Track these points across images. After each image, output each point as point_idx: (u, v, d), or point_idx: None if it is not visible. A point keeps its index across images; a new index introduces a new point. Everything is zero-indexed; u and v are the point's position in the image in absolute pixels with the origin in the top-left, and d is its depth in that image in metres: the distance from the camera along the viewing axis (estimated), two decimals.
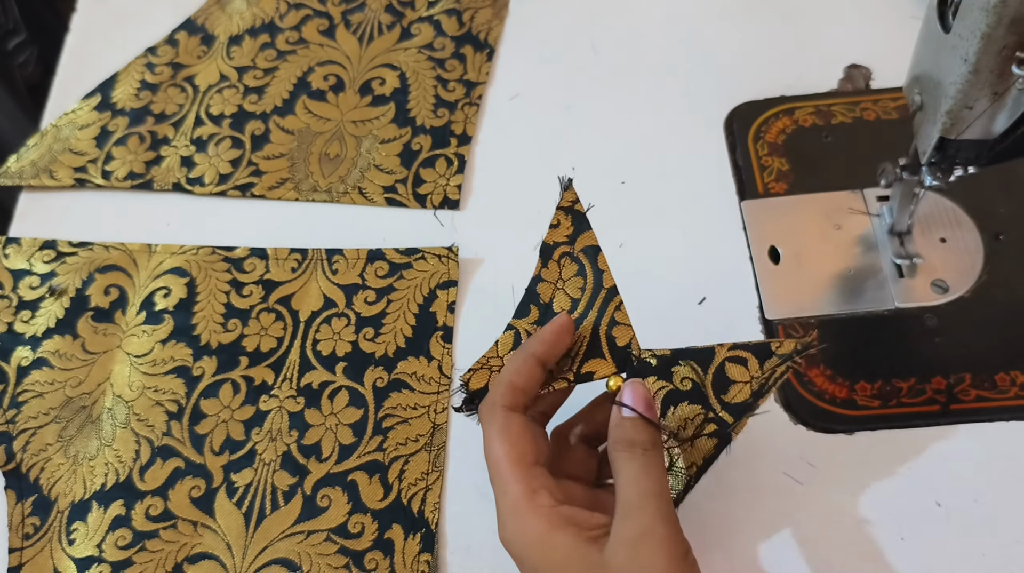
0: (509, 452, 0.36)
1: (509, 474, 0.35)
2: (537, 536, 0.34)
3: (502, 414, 0.37)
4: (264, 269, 0.57)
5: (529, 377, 0.38)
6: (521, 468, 0.36)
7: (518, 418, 0.37)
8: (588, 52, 0.65)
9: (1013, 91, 0.37)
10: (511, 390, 0.38)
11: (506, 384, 0.38)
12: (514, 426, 0.37)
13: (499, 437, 0.36)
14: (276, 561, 0.47)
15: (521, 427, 0.37)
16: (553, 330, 0.40)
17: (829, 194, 0.56)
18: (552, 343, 0.40)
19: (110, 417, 0.52)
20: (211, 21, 0.69)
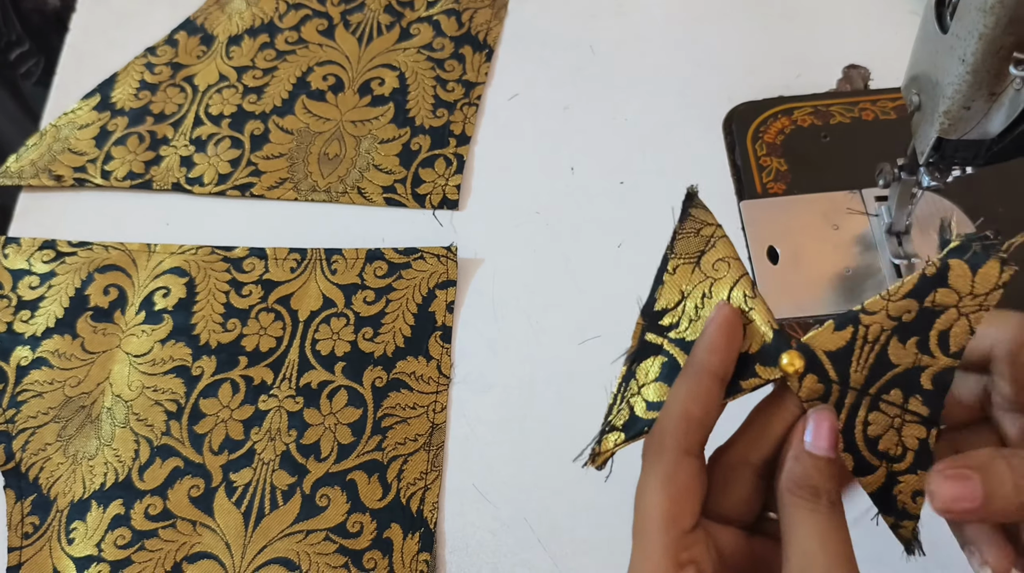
0: (667, 510, 0.28)
1: (657, 538, 0.28)
2: None
3: (672, 458, 0.29)
4: (263, 269, 0.57)
5: (708, 402, 0.29)
6: (674, 533, 0.28)
7: (690, 465, 0.29)
8: (587, 52, 0.65)
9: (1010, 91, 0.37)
10: (686, 423, 0.29)
11: (679, 416, 0.29)
12: (682, 475, 0.29)
13: (660, 487, 0.28)
14: (275, 560, 0.47)
15: (690, 477, 0.29)
16: (720, 330, 0.30)
17: (827, 194, 0.56)
18: (725, 348, 0.30)
19: (109, 417, 0.52)
20: (210, 21, 0.69)
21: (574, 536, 0.48)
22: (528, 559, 0.47)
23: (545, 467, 0.50)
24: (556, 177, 0.60)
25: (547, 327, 0.54)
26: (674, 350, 0.32)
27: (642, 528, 0.29)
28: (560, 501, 0.49)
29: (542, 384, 0.52)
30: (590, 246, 0.57)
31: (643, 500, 0.29)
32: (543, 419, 0.51)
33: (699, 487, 0.29)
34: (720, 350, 0.30)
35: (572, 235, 0.57)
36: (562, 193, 0.59)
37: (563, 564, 0.47)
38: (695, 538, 0.28)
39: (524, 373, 0.52)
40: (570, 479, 0.49)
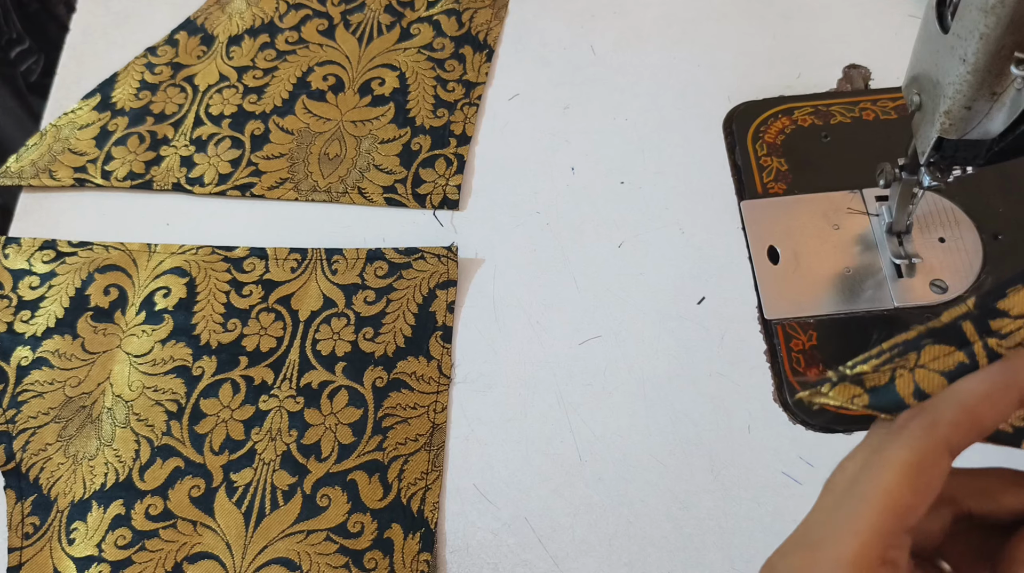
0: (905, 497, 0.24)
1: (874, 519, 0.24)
2: None
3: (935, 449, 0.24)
4: (264, 269, 0.57)
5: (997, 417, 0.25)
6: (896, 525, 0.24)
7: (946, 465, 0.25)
8: (587, 52, 0.65)
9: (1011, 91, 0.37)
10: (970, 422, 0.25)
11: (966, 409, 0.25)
12: (937, 469, 0.24)
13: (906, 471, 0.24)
14: (276, 560, 0.47)
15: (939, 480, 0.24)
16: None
17: (828, 194, 0.56)
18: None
19: (110, 417, 0.52)
20: (211, 21, 0.69)
21: (574, 536, 0.48)
22: (529, 559, 0.47)
23: (546, 467, 0.50)
24: (556, 177, 0.60)
25: (548, 327, 0.54)
26: (982, 357, 0.26)
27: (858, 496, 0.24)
28: (561, 501, 0.49)
29: (542, 384, 0.52)
30: (590, 246, 0.57)
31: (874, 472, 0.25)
32: (544, 419, 0.51)
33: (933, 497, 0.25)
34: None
35: (572, 235, 0.57)
36: (562, 193, 0.59)
37: (564, 564, 0.47)
38: (906, 542, 0.25)
39: (525, 373, 0.52)
40: (571, 479, 0.49)
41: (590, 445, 0.50)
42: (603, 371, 0.52)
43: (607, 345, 0.53)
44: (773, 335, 0.52)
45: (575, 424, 0.51)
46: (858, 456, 0.26)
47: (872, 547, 0.23)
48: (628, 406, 0.51)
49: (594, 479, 0.49)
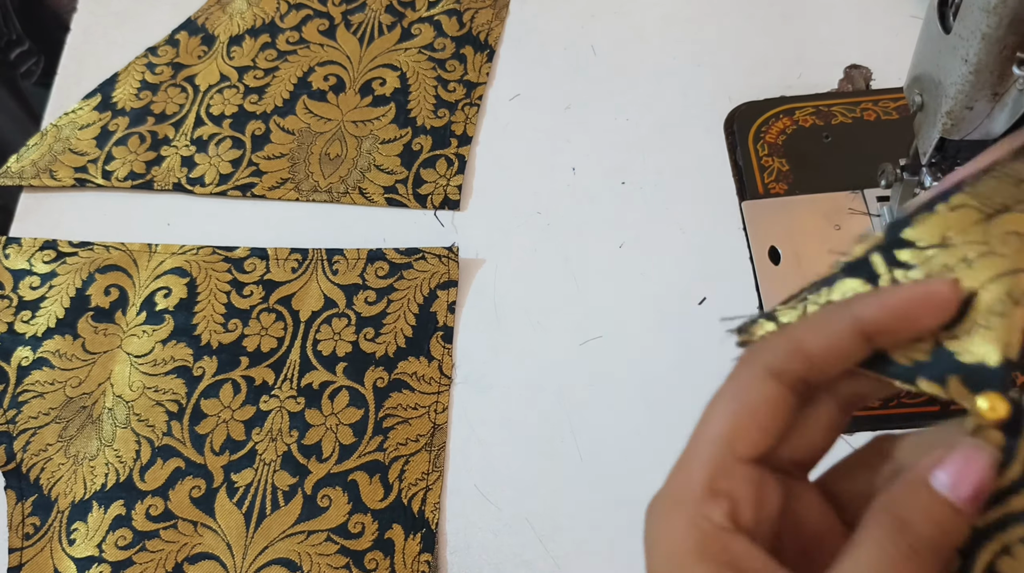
0: (720, 427, 0.24)
1: (702, 452, 0.24)
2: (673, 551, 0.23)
3: (754, 375, 0.24)
4: (264, 269, 0.57)
5: (831, 347, 0.24)
6: (718, 453, 0.24)
7: (771, 390, 0.24)
8: (588, 53, 0.65)
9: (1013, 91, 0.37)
10: (790, 346, 0.24)
11: (791, 341, 0.24)
12: (756, 399, 0.24)
13: (726, 401, 0.24)
14: (276, 561, 0.47)
15: (767, 404, 0.24)
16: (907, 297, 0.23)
17: (829, 194, 0.56)
18: (897, 313, 0.23)
19: (110, 417, 0.52)
20: (211, 21, 0.69)
21: (575, 536, 0.48)
22: (529, 560, 0.47)
23: (547, 467, 0.50)
24: (557, 177, 0.60)
25: (548, 327, 0.54)
26: None
27: (692, 438, 0.25)
28: (562, 501, 0.49)
29: (543, 384, 0.52)
30: (591, 246, 0.57)
31: (709, 409, 0.25)
32: (544, 419, 0.51)
33: (773, 420, 0.24)
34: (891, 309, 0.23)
35: (573, 235, 0.57)
36: (563, 193, 0.59)
37: (564, 564, 0.47)
38: (745, 473, 0.24)
39: (525, 373, 0.52)
40: (572, 479, 0.49)
41: (591, 445, 0.50)
42: (604, 371, 0.52)
43: (608, 345, 0.53)
44: None
45: (575, 424, 0.51)
46: None
47: (696, 480, 0.23)
48: (629, 407, 0.51)
49: (595, 479, 0.49)
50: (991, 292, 0.23)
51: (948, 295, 0.23)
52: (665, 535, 0.24)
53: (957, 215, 0.24)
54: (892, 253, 0.25)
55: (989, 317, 0.23)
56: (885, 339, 0.24)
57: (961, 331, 0.23)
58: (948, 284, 0.23)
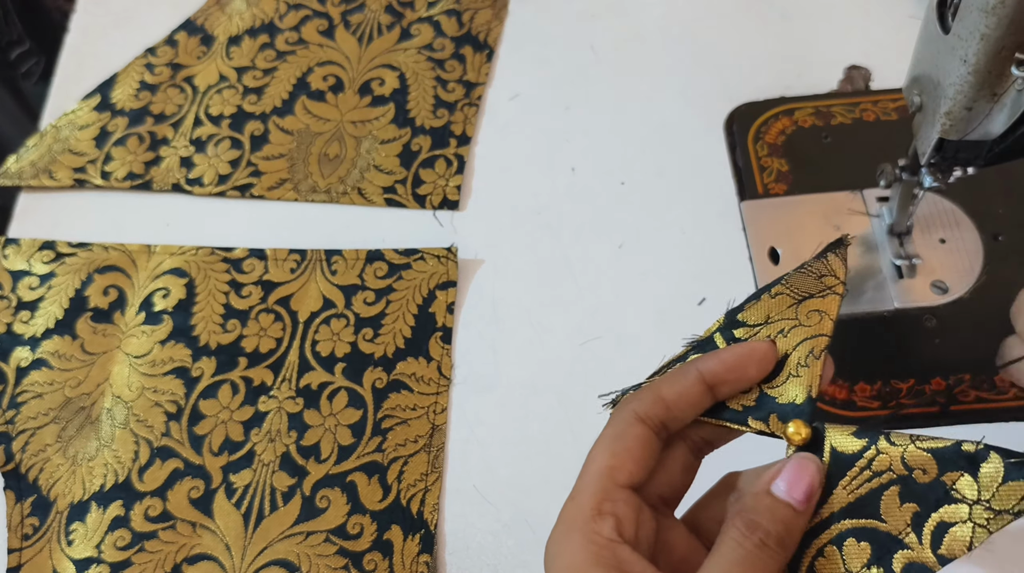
0: (603, 462, 0.30)
1: (586, 483, 0.30)
2: (572, 563, 0.28)
3: (626, 420, 0.31)
4: (263, 270, 0.57)
5: (683, 395, 0.31)
6: (603, 482, 0.29)
7: (640, 432, 0.30)
8: (587, 53, 0.65)
9: (1012, 92, 0.37)
10: (652, 397, 0.31)
11: (649, 389, 0.31)
12: (629, 438, 0.30)
13: (606, 442, 0.31)
14: (275, 562, 0.47)
15: (638, 442, 0.30)
16: (738, 354, 0.31)
17: (829, 195, 0.56)
18: (731, 366, 0.31)
19: (109, 418, 0.52)
20: (210, 21, 0.69)
21: None
22: (529, 561, 0.47)
23: (546, 468, 0.49)
24: (557, 177, 0.60)
25: (548, 328, 0.54)
26: None
27: (579, 477, 0.30)
28: (561, 502, 0.48)
29: (543, 385, 0.52)
30: (591, 247, 0.56)
31: (591, 451, 0.31)
32: (544, 420, 0.51)
33: (644, 455, 0.30)
34: (724, 365, 0.31)
35: (573, 235, 0.57)
36: (563, 193, 0.59)
37: None
38: (625, 497, 0.29)
39: (525, 374, 0.52)
40: (571, 480, 0.49)
41: (590, 445, 0.50)
42: (603, 372, 0.52)
43: (607, 346, 0.53)
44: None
45: (575, 425, 0.51)
46: None
47: (586, 505, 0.29)
48: None
49: None
50: (799, 351, 0.31)
51: (766, 351, 0.31)
52: (564, 551, 0.29)
53: (776, 301, 0.32)
54: (731, 331, 0.32)
55: (798, 368, 0.30)
56: (723, 389, 0.31)
57: (777, 382, 0.31)
58: (766, 344, 0.31)
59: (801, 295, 0.32)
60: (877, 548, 0.27)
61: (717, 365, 0.31)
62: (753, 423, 0.30)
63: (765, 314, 0.32)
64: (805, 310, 0.32)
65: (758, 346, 0.31)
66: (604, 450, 0.30)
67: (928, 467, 0.27)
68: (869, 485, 0.28)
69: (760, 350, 0.31)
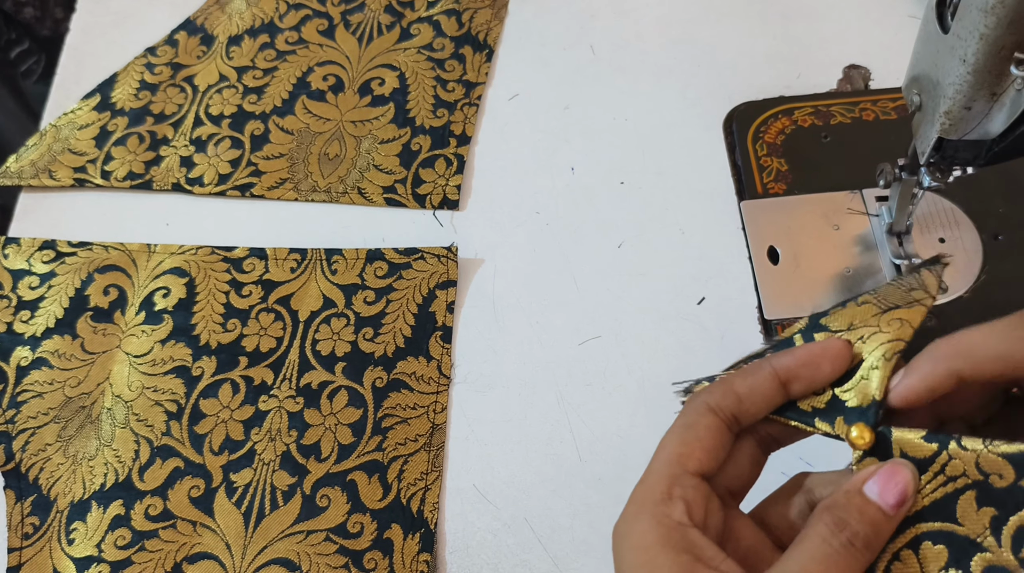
0: (673, 449, 0.31)
1: (656, 468, 0.30)
2: (642, 544, 0.29)
3: (698, 410, 0.31)
4: (263, 269, 0.57)
5: (755, 389, 0.31)
6: (672, 469, 0.30)
7: (711, 422, 0.31)
8: (587, 52, 0.65)
9: (1011, 91, 0.37)
10: (726, 393, 0.31)
11: (723, 381, 0.32)
12: (700, 428, 0.31)
13: (678, 430, 0.31)
14: (275, 561, 0.47)
15: (709, 433, 0.31)
16: (812, 351, 0.31)
17: (828, 194, 0.56)
18: (804, 362, 0.31)
19: (109, 417, 0.52)
20: (211, 21, 0.69)
21: (574, 536, 0.48)
22: (528, 560, 0.47)
23: (546, 467, 0.50)
24: (556, 177, 0.60)
25: (547, 327, 0.54)
26: None
27: (651, 463, 0.31)
28: (561, 501, 0.49)
29: (543, 384, 0.52)
30: (590, 246, 0.57)
31: (663, 439, 0.31)
32: (544, 419, 0.51)
33: (714, 445, 0.30)
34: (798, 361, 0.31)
35: (572, 235, 0.57)
36: (562, 193, 0.59)
37: (564, 565, 0.47)
38: (695, 484, 0.30)
39: (524, 373, 0.52)
40: (571, 479, 0.49)
41: (590, 445, 0.50)
42: (603, 371, 0.52)
43: (607, 345, 0.53)
44: (773, 335, 0.52)
45: (575, 424, 0.51)
46: None
47: (656, 488, 0.30)
48: (628, 406, 0.51)
49: (594, 479, 0.49)
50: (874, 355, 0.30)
51: (841, 349, 0.31)
52: (634, 532, 0.29)
53: (862, 309, 0.32)
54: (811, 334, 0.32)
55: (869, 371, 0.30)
56: (796, 386, 0.31)
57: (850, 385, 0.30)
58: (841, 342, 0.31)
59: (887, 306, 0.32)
60: (955, 551, 0.27)
61: (790, 360, 0.31)
62: (819, 425, 0.30)
63: (849, 321, 0.32)
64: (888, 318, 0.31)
65: (833, 344, 0.31)
66: (675, 438, 0.31)
67: (1005, 472, 0.26)
68: (944, 489, 0.27)
69: (834, 348, 0.31)
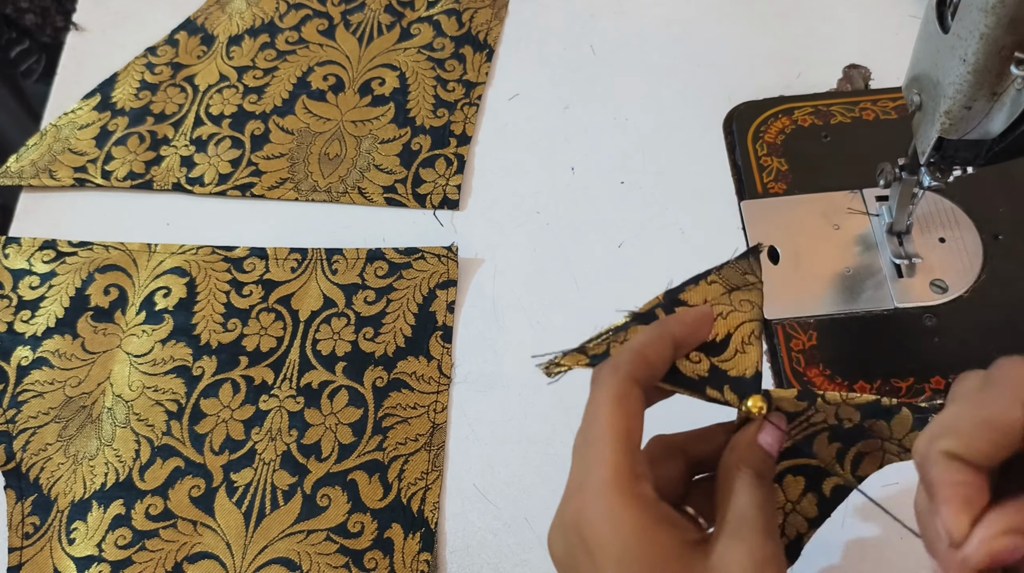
0: (619, 423, 0.30)
1: (612, 445, 0.30)
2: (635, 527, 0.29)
3: (624, 382, 0.31)
4: (264, 269, 0.57)
5: (660, 356, 0.32)
6: (628, 445, 0.30)
7: (638, 393, 0.31)
8: (587, 52, 0.65)
9: (1011, 91, 0.37)
10: (640, 360, 0.32)
11: (635, 351, 0.32)
12: (632, 400, 0.31)
13: (613, 403, 0.30)
14: (276, 560, 0.47)
15: (638, 405, 0.31)
16: (696, 315, 0.34)
17: (828, 194, 0.56)
18: (693, 328, 0.33)
19: (110, 417, 0.52)
20: (211, 21, 0.69)
21: None
22: (529, 559, 0.47)
23: (546, 467, 0.50)
24: (556, 177, 0.60)
25: (548, 327, 0.54)
26: None
27: (594, 439, 0.30)
28: None
29: (543, 384, 0.52)
30: (590, 246, 0.57)
31: (596, 415, 0.31)
32: (544, 419, 0.51)
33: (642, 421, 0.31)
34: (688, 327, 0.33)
35: (572, 235, 0.57)
36: (562, 193, 0.59)
37: None
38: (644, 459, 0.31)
39: (525, 373, 0.52)
40: None
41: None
42: None
43: None
44: (773, 335, 0.52)
45: (575, 424, 0.50)
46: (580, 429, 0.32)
47: (622, 464, 0.29)
48: None
49: None
50: (742, 331, 0.34)
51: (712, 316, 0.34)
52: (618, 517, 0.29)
53: (712, 288, 0.36)
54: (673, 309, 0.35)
55: (744, 346, 0.34)
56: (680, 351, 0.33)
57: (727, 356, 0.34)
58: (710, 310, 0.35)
59: (731, 286, 0.36)
60: (810, 479, 0.34)
61: (681, 327, 0.33)
62: (711, 392, 0.33)
63: (703, 297, 0.36)
64: (737, 299, 0.36)
65: (708, 311, 0.34)
66: (615, 412, 0.30)
67: (853, 417, 0.32)
68: (805, 433, 0.33)
69: (710, 315, 0.34)
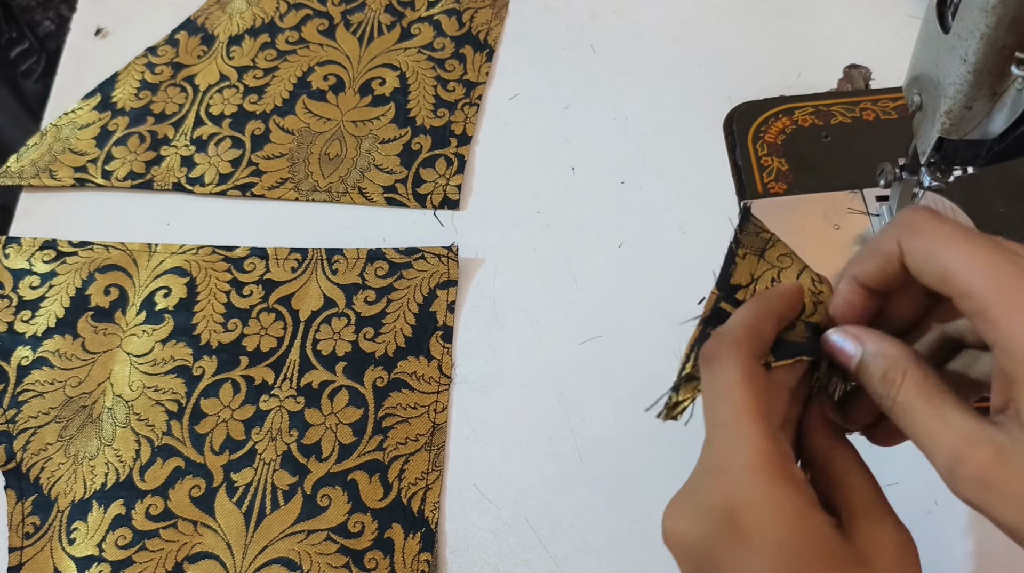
0: (754, 403, 0.28)
1: (753, 426, 0.28)
2: (793, 511, 0.27)
3: (747, 358, 0.29)
4: (264, 269, 0.57)
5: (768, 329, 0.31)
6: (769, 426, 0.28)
7: (761, 370, 0.30)
8: (587, 52, 0.65)
9: (1012, 91, 0.37)
10: (756, 336, 0.30)
11: (750, 326, 0.30)
12: (759, 377, 0.29)
13: (743, 383, 0.29)
14: (276, 560, 0.47)
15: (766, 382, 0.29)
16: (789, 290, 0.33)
17: (828, 194, 0.56)
18: (790, 302, 0.32)
19: (110, 417, 0.52)
20: (211, 21, 0.69)
21: (575, 536, 0.48)
22: (529, 559, 0.47)
23: (546, 467, 0.50)
24: (557, 177, 0.60)
25: (548, 327, 0.54)
26: None
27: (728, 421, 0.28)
28: (561, 501, 0.49)
29: (543, 384, 0.52)
30: (591, 246, 0.57)
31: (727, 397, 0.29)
32: (544, 419, 0.51)
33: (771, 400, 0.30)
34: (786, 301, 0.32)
35: (573, 235, 0.57)
36: (563, 193, 0.59)
37: (564, 564, 0.47)
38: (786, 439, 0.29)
39: (525, 373, 0.52)
40: (571, 479, 0.49)
41: (590, 445, 0.50)
42: (603, 371, 0.52)
43: (607, 345, 0.53)
44: None
45: (575, 424, 0.51)
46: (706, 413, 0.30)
47: (769, 447, 0.28)
48: (628, 406, 0.51)
49: (594, 479, 0.49)
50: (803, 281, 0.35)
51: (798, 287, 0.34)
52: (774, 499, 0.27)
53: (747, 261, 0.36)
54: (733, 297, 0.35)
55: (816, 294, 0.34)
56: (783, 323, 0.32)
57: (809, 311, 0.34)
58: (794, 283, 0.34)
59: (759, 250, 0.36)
60: None
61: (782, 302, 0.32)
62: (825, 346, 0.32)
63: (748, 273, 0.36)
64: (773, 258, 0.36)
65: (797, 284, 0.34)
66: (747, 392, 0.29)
67: None
68: None
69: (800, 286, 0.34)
